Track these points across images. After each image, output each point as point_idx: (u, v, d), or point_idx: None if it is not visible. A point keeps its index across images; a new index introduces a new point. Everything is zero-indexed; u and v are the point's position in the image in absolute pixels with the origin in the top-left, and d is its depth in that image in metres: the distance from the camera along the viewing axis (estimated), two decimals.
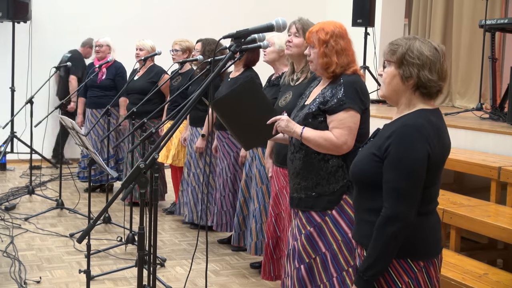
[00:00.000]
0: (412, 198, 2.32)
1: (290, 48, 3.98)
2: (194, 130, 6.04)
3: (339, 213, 3.17)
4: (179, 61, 5.68)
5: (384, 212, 2.33)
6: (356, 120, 3.13)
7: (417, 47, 2.38)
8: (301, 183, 3.24)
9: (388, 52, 2.44)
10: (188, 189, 6.06)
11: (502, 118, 5.97)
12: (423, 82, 2.38)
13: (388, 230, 2.30)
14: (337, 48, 3.18)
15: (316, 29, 3.24)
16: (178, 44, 6.55)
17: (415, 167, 2.30)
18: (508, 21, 6.58)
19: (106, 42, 7.53)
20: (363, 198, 2.48)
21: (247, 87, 3.29)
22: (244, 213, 5.11)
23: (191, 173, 6.03)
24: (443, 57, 2.40)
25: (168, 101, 5.23)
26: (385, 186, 2.34)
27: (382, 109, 7.31)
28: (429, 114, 2.40)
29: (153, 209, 3.95)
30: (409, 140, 2.32)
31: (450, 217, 4.24)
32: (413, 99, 2.42)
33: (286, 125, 3.17)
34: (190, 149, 6.08)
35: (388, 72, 2.44)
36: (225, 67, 2.84)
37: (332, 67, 3.17)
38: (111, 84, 7.40)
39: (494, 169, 4.56)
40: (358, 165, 2.49)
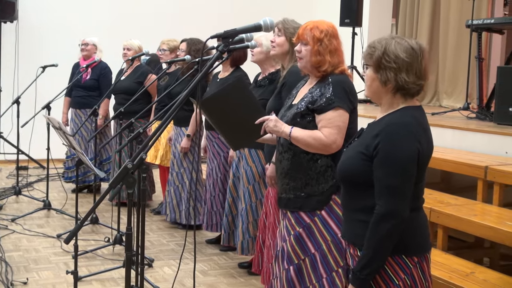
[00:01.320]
0: (405, 195, 2.33)
1: (274, 48, 4.03)
2: (179, 130, 6.04)
3: (328, 213, 3.16)
4: (166, 61, 5.67)
5: (378, 210, 2.33)
6: (345, 119, 3.13)
7: (393, 50, 2.37)
8: (290, 184, 3.23)
9: (366, 56, 2.45)
10: (171, 189, 6.06)
11: (488, 118, 6.00)
12: (401, 85, 2.39)
13: (383, 228, 2.31)
14: (331, 47, 3.19)
15: (311, 26, 3.23)
16: (166, 43, 6.55)
17: (406, 164, 2.32)
18: (495, 21, 6.62)
19: (92, 42, 7.49)
20: (352, 197, 2.49)
21: (235, 87, 3.29)
22: (233, 213, 5.12)
23: (174, 172, 6.03)
24: (421, 55, 2.40)
25: (156, 101, 5.22)
26: (377, 184, 2.35)
27: (369, 109, 7.33)
28: (414, 112, 2.42)
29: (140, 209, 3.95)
30: (398, 138, 2.33)
31: (437, 216, 4.26)
32: (395, 100, 2.44)
33: (275, 125, 3.16)
34: (174, 149, 6.08)
35: (368, 75, 2.46)
36: (212, 67, 2.84)
37: (325, 66, 3.17)
38: (95, 84, 7.36)
39: (481, 169, 4.58)
40: (345, 165, 2.50)
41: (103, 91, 7.26)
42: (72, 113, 7.51)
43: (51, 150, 6.52)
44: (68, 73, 7.71)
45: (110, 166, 7.17)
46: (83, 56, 7.53)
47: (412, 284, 2.40)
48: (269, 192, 4.22)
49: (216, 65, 2.87)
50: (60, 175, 7.84)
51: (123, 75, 6.70)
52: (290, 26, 3.99)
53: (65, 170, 7.61)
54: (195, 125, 5.87)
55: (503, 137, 5.11)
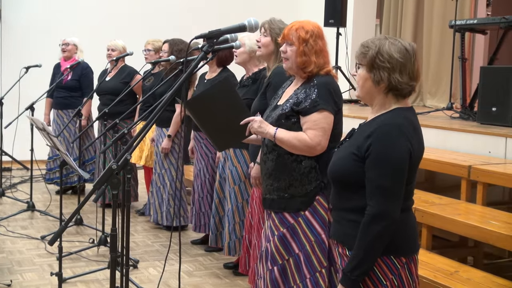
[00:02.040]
0: (397, 196, 2.34)
1: (259, 49, 4.04)
2: (160, 131, 6.03)
3: (312, 214, 3.17)
4: (151, 61, 5.65)
5: (369, 210, 2.33)
6: (329, 121, 3.13)
7: (387, 50, 2.38)
8: (274, 184, 3.23)
9: (359, 55, 2.46)
10: (153, 190, 6.05)
11: (472, 117, 6.04)
12: (394, 85, 2.39)
13: (374, 229, 2.32)
14: (316, 48, 3.19)
15: (296, 26, 3.22)
16: (151, 44, 6.53)
17: (398, 165, 2.32)
18: (478, 22, 6.67)
19: (73, 42, 7.43)
20: (342, 197, 2.49)
21: (221, 88, 3.28)
22: (220, 213, 5.11)
23: (156, 173, 6.02)
24: (414, 56, 2.41)
25: (140, 102, 5.20)
26: (369, 184, 2.35)
27: (354, 109, 7.35)
28: (406, 113, 2.43)
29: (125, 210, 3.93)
30: (391, 139, 2.33)
31: (422, 216, 4.28)
32: (387, 100, 2.45)
33: (259, 126, 3.15)
34: (156, 150, 6.07)
35: (361, 75, 2.46)
36: (197, 68, 2.84)
37: (310, 67, 3.17)
38: (76, 84, 7.31)
39: (464, 168, 4.61)
40: (336, 165, 2.50)
41: (84, 91, 7.22)
42: (54, 114, 7.46)
43: (35, 151, 6.49)
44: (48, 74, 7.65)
45: (93, 167, 7.14)
46: (63, 56, 7.47)
47: (399, 285, 2.41)
48: (254, 192, 4.22)
49: (200, 66, 2.87)
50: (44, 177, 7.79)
51: (107, 75, 6.67)
52: (276, 26, 3.98)
53: (47, 171, 7.56)
54: (177, 125, 5.86)
55: (486, 137, 5.14)
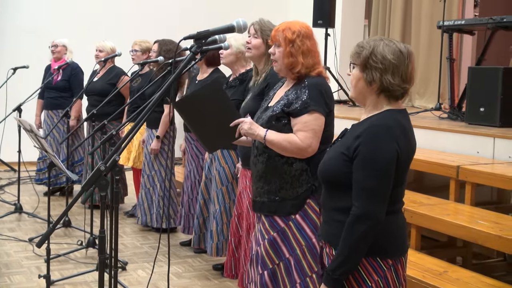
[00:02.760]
0: (382, 197, 2.34)
1: (249, 50, 3.98)
2: (150, 132, 6.01)
3: (302, 218, 3.15)
4: (139, 62, 5.64)
5: (354, 211, 2.34)
6: (320, 123, 3.12)
7: (380, 51, 2.38)
8: (264, 187, 3.21)
9: (354, 55, 2.46)
10: (142, 192, 6.04)
11: (460, 118, 6.07)
12: (386, 86, 2.39)
13: (358, 229, 2.32)
14: (303, 48, 3.17)
15: (283, 27, 3.21)
16: (138, 44, 6.51)
17: (384, 166, 2.32)
18: (465, 22, 6.70)
19: (62, 43, 7.43)
20: (332, 197, 2.49)
21: (211, 89, 3.27)
22: (204, 215, 5.10)
23: (145, 175, 6.00)
24: (408, 59, 2.41)
25: (128, 103, 5.19)
26: (355, 185, 2.35)
27: (343, 110, 7.36)
28: (397, 115, 2.43)
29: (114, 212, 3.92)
30: (378, 140, 2.34)
31: (411, 216, 4.29)
32: (379, 101, 2.44)
33: (249, 127, 3.13)
34: (145, 151, 6.05)
35: (354, 75, 2.47)
36: (186, 68, 2.83)
37: (298, 68, 3.16)
38: (66, 85, 7.31)
39: (453, 168, 4.63)
40: (326, 165, 2.50)
41: (74, 92, 7.21)
42: (44, 114, 7.45)
43: (22, 153, 6.45)
44: (40, 75, 7.64)
45: (82, 168, 7.11)
46: (53, 58, 7.48)
47: (385, 286, 2.40)
48: (240, 194, 4.19)
49: (189, 67, 2.86)
50: (32, 178, 7.75)
51: (96, 76, 6.65)
52: (267, 28, 3.93)
53: (37, 172, 7.54)
54: (165, 126, 5.85)
55: (475, 137, 5.17)
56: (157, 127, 5.90)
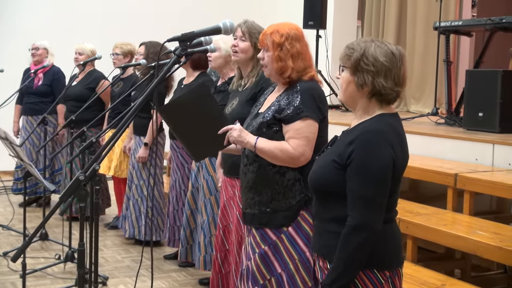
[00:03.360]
0: (379, 206, 2.34)
1: (236, 54, 3.94)
2: (138, 139, 6.00)
3: (295, 230, 3.13)
4: (120, 66, 5.63)
5: (350, 221, 2.33)
6: (314, 129, 3.11)
7: (372, 53, 2.39)
8: (255, 198, 3.20)
9: (344, 57, 2.46)
10: (129, 203, 6.01)
11: (458, 123, 6.09)
12: (378, 89, 2.40)
13: (354, 240, 2.32)
14: (293, 51, 3.16)
15: (270, 31, 3.20)
16: (119, 47, 6.50)
17: (381, 173, 2.33)
18: (463, 23, 6.74)
19: (43, 46, 7.42)
20: (324, 207, 2.49)
21: (198, 93, 3.26)
22: (191, 226, 5.09)
23: (133, 185, 5.98)
24: (400, 61, 2.43)
25: (109, 109, 5.18)
26: (350, 194, 2.35)
27: (336, 115, 7.38)
28: (390, 119, 2.44)
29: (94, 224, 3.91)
30: (373, 146, 2.34)
31: (406, 227, 4.30)
32: (370, 105, 2.45)
33: (239, 135, 3.11)
34: (133, 160, 6.03)
35: (344, 78, 2.47)
36: (170, 72, 2.83)
37: (287, 72, 3.15)
38: (48, 90, 7.30)
39: (450, 176, 4.64)
40: (317, 174, 2.50)
41: (57, 97, 7.18)
42: (23, 120, 7.42)
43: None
44: (17, 79, 7.61)
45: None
46: (34, 61, 7.46)
47: None
48: (225, 206, 4.13)
49: (173, 70, 2.86)
50: (7, 189, 7.71)
51: (75, 80, 6.64)
52: (255, 30, 3.89)
53: (14, 181, 7.51)
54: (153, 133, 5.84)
55: (473, 143, 5.19)
56: (145, 133, 5.89)
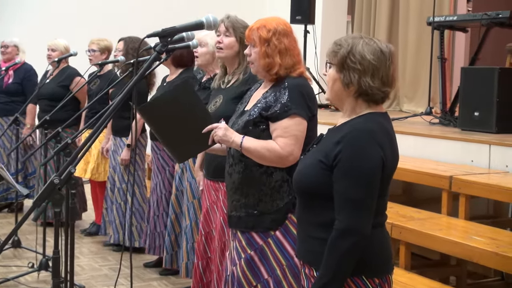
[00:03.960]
0: (368, 209, 2.34)
1: (221, 50, 3.92)
2: (118, 141, 5.98)
3: (283, 234, 3.14)
4: (97, 63, 5.61)
5: (337, 225, 2.33)
6: (302, 128, 3.12)
7: (359, 50, 2.39)
8: (241, 200, 3.20)
9: (331, 53, 2.47)
10: (113, 207, 5.99)
11: (453, 123, 6.12)
12: (364, 89, 2.40)
13: (342, 246, 2.31)
14: (280, 47, 3.17)
15: (257, 26, 3.21)
16: (95, 43, 6.48)
17: (370, 175, 2.33)
18: (458, 18, 6.78)
19: (13, 43, 7.39)
20: (309, 211, 2.48)
21: (181, 90, 3.25)
22: (176, 231, 5.08)
23: (115, 188, 5.96)
24: (390, 59, 2.42)
25: (86, 108, 5.16)
26: (337, 196, 2.35)
27: (325, 115, 7.39)
28: (379, 118, 2.44)
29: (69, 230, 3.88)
30: (362, 146, 2.34)
31: (399, 232, 4.31)
32: (357, 105, 2.46)
33: (224, 134, 3.11)
34: (113, 162, 6.01)
35: (330, 75, 2.47)
36: (150, 69, 2.82)
37: (275, 69, 3.16)
38: (18, 88, 7.25)
39: (445, 178, 4.66)
40: (302, 174, 2.50)
41: (28, 96, 7.14)
42: None
43: None
44: None
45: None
46: (3, 59, 7.43)
47: None
48: (208, 210, 4.11)
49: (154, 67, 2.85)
50: None
51: (48, 78, 6.60)
52: (240, 24, 3.88)
53: None
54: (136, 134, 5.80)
55: (469, 144, 5.21)
56: (127, 135, 5.87)
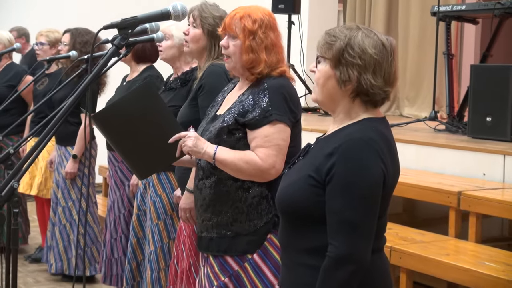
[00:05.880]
0: (367, 233, 2.33)
1: (186, 44, 3.94)
2: (63, 151, 5.96)
3: (262, 258, 3.15)
4: (45, 59, 5.59)
5: (332, 251, 2.32)
6: (286, 136, 3.13)
7: (359, 42, 2.38)
8: (213, 219, 3.20)
9: (323, 46, 2.44)
10: (55, 230, 5.95)
11: (461, 130, 6.15)
12: (365, 88, 2.39)
13: (338, 276, 2.31)
14: (267, 42, 3.19)
15: (241, 14, 3.21)
16: (44, 35, 6.46)
17: (369, 192, 2.32)
18: (467, 8, 6.81)
19: None
20: (296, 235, 2.47)
21: (141, 93, 3.25)
22: (138, 258, 5.04)
23: (59, 207, 5.93)
24: (392, 55, 2.42)
25: (31, 112, 5.13)
26: (331, 217, 2.34)
27: (312, 120, 7.40)
28: (378, 125, 2.43)
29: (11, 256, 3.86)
30: (359, 158, 2.33)
31: (400, 257, 4.31)
32: (354, 108, 2.44)
33: (194, 144, 3.10)
34: (57, 176, 5.98)
35: (322, 71, 2.45)
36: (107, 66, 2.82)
37: (260, 67, 3.17)
38: None
39: (452, 195, 4.68)
40: (288, 193, 2.48)
41: None
42: None
43: None
44: None
45: None
46: None
47: None
48: (182, 230, 4.14)
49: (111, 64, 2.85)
50: None
51: None
52: (209, 14, 3.89)
53: None
54: (84, 142, 5.79)
55: (480, 155, 5.24)
56: (73, 144, 5.84)
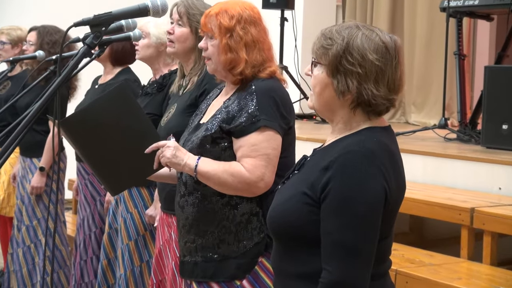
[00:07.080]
0: (366, 257, 2.33)
1: (171, 44, 3.92)
2: (29, 163, 5.94)
3: (252, 284, 3.14)
4: (8, 59, 5.58)
5: (325, 277, 2.32)
6: (276, 144, 3.13)
7: (358, 47, 2.35)
8: (197, 241, 3.20)
9: (318, 50, 2.42)
10: (19, 251, 5.93)
11: (474, 139, 6.16)
12: (366, 98, 2.37)
13: None
14: (247, 39, 3.18)
15: (216, 11, 3.21)
16: (5, 33, 6.46)
17: (369, 212, 2.31)
18: (480, 3, 6.82)
19: None
20: (289, 259, 2.47)
21: (115, 98, 3.25)
22: (109, 281, 5.04)
23: (23, 226, 5.91)
24: (396, 57, 2.39)
25: None
26: (325, 239, 2.34)
27: (307, 128, 7.40)
28: (381, 136, 2.42)
29: None
30: (358, 173, 2.32)
31: (406, 282, 4.32)
32: (354, 118, 2.43)
33: (173, 154, 3.11)
34: (22, 191, 5.96)
35: (318, 78, 2.42)
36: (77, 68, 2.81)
37: (239, 67, 3.16)
38: None
39: (465, 211, 4.68)
40: (280, 212, 2.48)
41: None
42: None
43: None
44: None
45: None
46: None
47: None
48: (161, 253, 4.12)
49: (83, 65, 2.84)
50: None
51: None
52: (196, 11, 3.85)
53: None
54: (51, 153, 5.77)
55: (495, 167, 5.24)
56: (39, 155, 5.83)
